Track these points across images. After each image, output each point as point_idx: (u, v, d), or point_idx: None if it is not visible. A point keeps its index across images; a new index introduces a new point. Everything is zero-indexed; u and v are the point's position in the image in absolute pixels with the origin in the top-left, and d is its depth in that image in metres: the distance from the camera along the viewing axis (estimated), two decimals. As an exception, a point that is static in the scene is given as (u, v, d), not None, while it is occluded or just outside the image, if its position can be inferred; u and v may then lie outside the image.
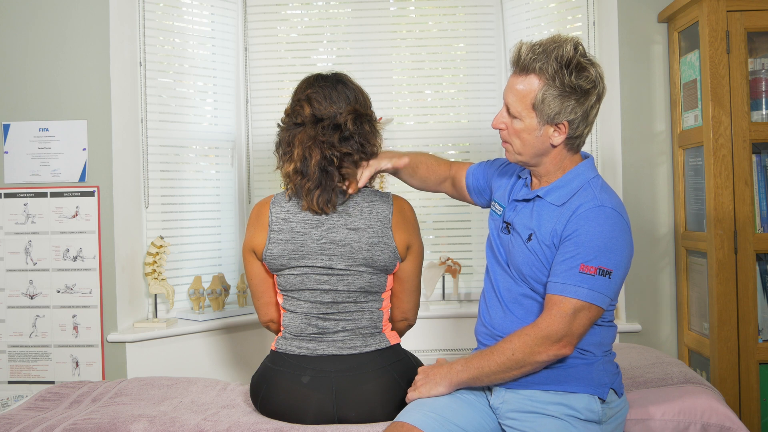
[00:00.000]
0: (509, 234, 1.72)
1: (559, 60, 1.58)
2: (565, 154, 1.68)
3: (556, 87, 1.58)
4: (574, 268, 1.56)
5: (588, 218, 1.58)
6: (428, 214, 3.26)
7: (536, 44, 1.62)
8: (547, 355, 1.57)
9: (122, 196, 2.83)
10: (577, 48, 1.60)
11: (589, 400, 1.63)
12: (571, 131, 1.63)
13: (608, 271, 1.55)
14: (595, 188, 1.64)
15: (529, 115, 1.62)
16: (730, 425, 1.75)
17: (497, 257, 1.76)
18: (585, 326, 1.58)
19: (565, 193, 1.65)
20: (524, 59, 1.61)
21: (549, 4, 3.09)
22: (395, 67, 3.27)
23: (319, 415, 1.78)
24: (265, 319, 1.97)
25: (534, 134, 1.64)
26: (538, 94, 1.60)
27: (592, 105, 1.62)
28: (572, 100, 1.59)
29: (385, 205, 1.85)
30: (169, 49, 3.02)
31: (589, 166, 1.70)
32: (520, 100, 1.63)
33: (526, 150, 1.66)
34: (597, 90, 1.62)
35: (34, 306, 2.81)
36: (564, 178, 1.67)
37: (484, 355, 1.64)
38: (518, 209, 1.73)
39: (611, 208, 1.59)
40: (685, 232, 2.80)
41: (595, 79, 1.61)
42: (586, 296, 1.55)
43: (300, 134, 1.83)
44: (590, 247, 1.56)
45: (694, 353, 2.76)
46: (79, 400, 2.08)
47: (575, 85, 1.58)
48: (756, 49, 2.59)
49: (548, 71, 1.58)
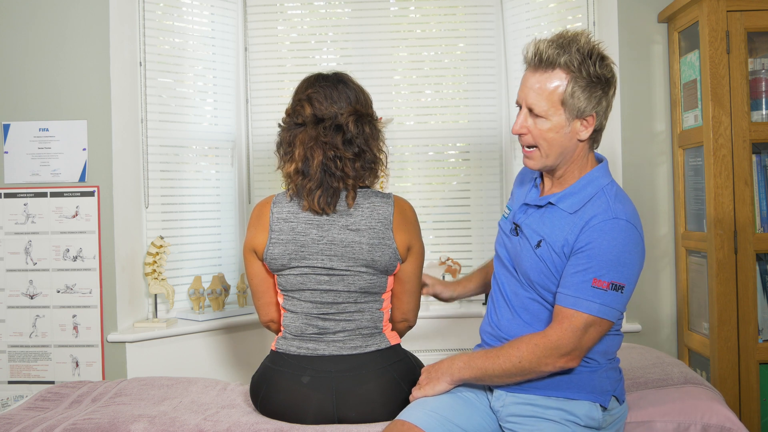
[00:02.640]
0: (518, 236, 1.70)
1: (582, 51, 1.55)
2: (586, 151, 1.65)
3: (583, 78, 1.55)
4: (587, 282, 1.53)
5: (602, 231, 1.54)
6: (428, 214, 3.26)
7: (551, 40, 1.58)
8: (554, 367, 1.56)
9: (122, 196, 2.83)
10: (589, 38, 1.58)
11: (590, 407, 1.62)
12: (597, 123, 1.60)
13: (621, 285, 1.53)
14: (609, 197, 1.60)
15: (557, 112, 1.57)
16: (730, 426, 1.75)
17: (503, 260, 1.75)
18: (595, 340, 1.57)
19: (579, 200, 1.61)
20: (547, 55, 1.56)
21: (549, 4, 3.09)
22: (395, 67, 3.27)
23: (319, 416, 1.78)
24: (266, 319, 1.97)
25: (562, 132, 1.59)
26: (567, 88, 1.55)
27: (612, 94, 1.61)
28: (599, 90, 1.57)
29: (386, 205, 1.84)
30: (169, 49, 3.01)
31: (604, 172, 1.65)
32: (546, 97, 1.57)
33: (553, 150, 1.61)
34: (615, 79, 1.61)
35: (34, 306, 2.81)
36: (578, 184, 1.63)
37: (489, 356, 1.62)
38: (529, 213, 1.69)
39: (626, 220, 1.55)
40: (685, 232, 2.80)
41: (613, 67, 1.60)
42: (597, 311, 1.53)
43: (301, 134, 1.82)
44: (603, 261, 1.52)
45: (694, 353, 2.76)
46: (79, 400, 2.08)
47: (600, 75, 1.56)
48: (756, 49, 2.58)
49: (574, 64, 1.54)
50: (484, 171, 3.24)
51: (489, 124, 3.24)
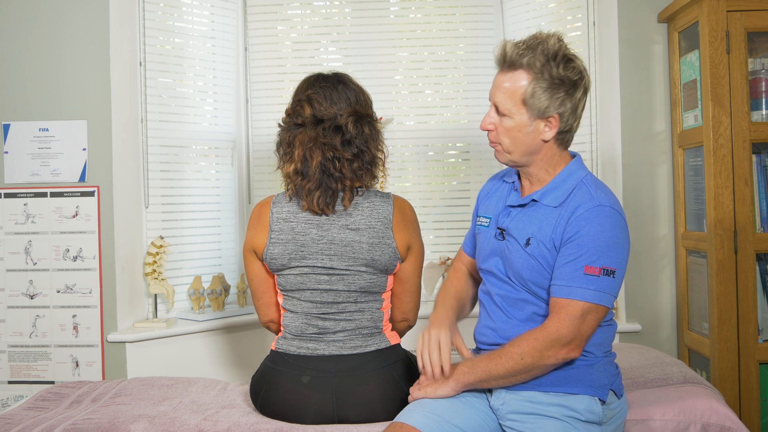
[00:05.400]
0: (504, 240, 1.70)
1: (546, 53, 1.59)
2: (555, 151, 1.68)
3: (545, 80, 1.59)
4: (579, 270, 1.56)
5: (588, 219, 1.58)
6: (428, 214, 3.26)
7: (520, 41, 1.63)
8: (556, 359, 1.57)
9: (122, 196, 2.83)
10: (560, 41, 1.62)
11: (589, 402, 1.63)
12: (561, 125, 1.63)
13: (612, 270, 1.56)
14: (590, 186, 1.64)
15: (519, 112, 1.62)
16: (730, 425, 1.75)
17: (492, 269, 1.74)
18: (593, 327, 1.59)
19: (561, 193, 1.65)
20: (510, 56, 1.62)
21: (549, 4, 3.09)
22: (395, 67, 3.27)
23: (319, 415, 1.78)
24: (266, 319, 1.97)
25: (525, 131, 1.63)
26: (528, 89, 1.60)
27: (579, 97, 1.63)
28: (561, 92, 1.60)
29: (385, 205, 1.84)
30: (169, 49, 3.02)
31: (579, 165, 1.70)
32: (509, 96, 1.63)
33: (516, 148, 1.66)
34: (584, 81, 1.63)
35: (34, 306, 2.81)
36: (557, 179, 1.67)
37: (492, 358, 1.63)
38: (513, 215, 1.71)
39: (610, 206, 1.60)
40: (685, 232, 2.80)
41: (582, 70, 1.62)
42: (593, 297, 1.55)
43: (300, 135, 1.83)
44: (593, 247, 1.56)
45: (694, 353, 2.76)
46: (79, 400, 2.08)
47: (563, 77, 1.59)
48: (756, 49, 2.58)
49: (536, 65, 1.59)
50: (484, 171, 3.24)
51: (489, 124, 3.24)
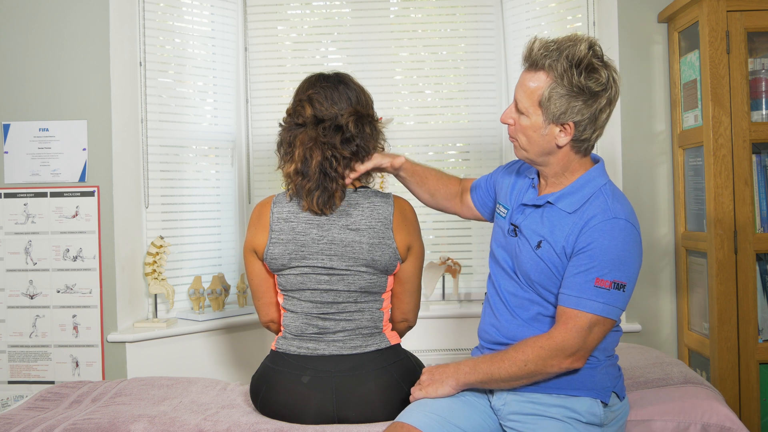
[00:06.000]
0: (516, 237, 1.70)
1: (570, 59, 1.54)
2: (572, 157, 1.65)
3: (563, 86, 1.55)
4: (589, 282, 1.54)
5: (602, 231, 1.56)
6: (428, 214, 3.25)
7: (551, 41, 1.59)
8: (559, 368, 1.57)
9: (122, 196, 2.83)
10: (591, 48, 1.56)
11: (591, 404, 1.63)
12: (577, 133, 1.59)
13: (622, 284, 1.55)
14: (607, 196, 1.61)
15: (536, 113, 1.60)
16: (730, 425, 1.75)
17: (500, 262, 1.75)
18: (599, 339, 1.58)
19: (577, 199, 1.63)
20: (535, 55, 1.59)
21: (549, 4, 3.09)
22: (396, 67, 3.27)
23: (319, 415, 1.78)
24: (266, 319, 1.97)
25: (539, 132, 1.61)
26: (545, 92, 1.57)
27: (601, 108, 1.58)
28: (579, 101, 1.56)
29: (386, 205, 1.84)
30: (169, 49, 3.01)
31: (600, 172, 1.67)
32: (527, 96, 1.61)
33: (532, 147, 1.64)
34: (608, 93, 1.58)
35: (34, 306, 2.81)
36: (575, 184, 1.64)
37: (495, 360, 1.62)
38: (527, 213, 1.70)
39: (625, 219, 1.57)
40: (685, 232, 2.80)
41: (606, 82, 1.57)
42: (601, 311, 1.54)
43: (301, 135, 1.83)
44: (605, 260, 1.54)
45: (694, 353, 2.76)
46: (79, 400, 2.08)
47: (583, 86, 1.55)
48: (756, 49, 2.58)
49: (557, 69, 1.55)
50: (484, 171, 3.23)
51: (489, 124, 3.24)
